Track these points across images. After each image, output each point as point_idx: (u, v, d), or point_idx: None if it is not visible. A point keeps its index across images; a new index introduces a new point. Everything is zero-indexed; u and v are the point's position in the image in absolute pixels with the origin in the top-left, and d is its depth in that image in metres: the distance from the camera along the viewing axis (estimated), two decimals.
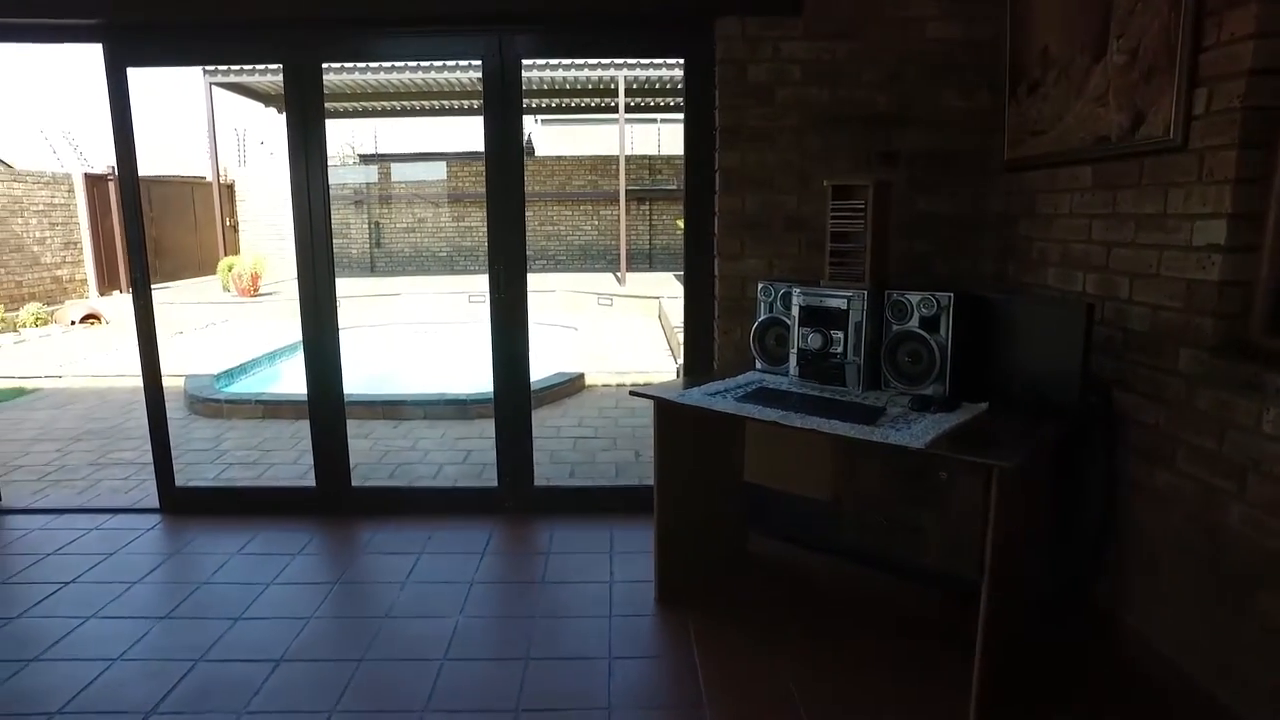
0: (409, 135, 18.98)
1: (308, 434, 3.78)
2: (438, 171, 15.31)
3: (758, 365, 2.97)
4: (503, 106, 3.48)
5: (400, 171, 15.37)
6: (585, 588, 3.03)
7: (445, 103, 14.61)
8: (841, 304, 2.63)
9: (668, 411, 2.73)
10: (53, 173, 12.06)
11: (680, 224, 11.48)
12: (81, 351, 8.65)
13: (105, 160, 12.97)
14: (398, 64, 11.94)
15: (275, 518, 3.74)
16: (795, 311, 2.73)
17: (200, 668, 2.55)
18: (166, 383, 3.79)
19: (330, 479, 3.78)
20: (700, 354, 3.58)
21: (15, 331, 9.68)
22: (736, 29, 3.22)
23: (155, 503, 3.89)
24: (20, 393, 6.91)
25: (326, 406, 3.74)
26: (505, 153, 3.52)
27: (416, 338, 9.87)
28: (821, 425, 2.26)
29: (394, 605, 2.93)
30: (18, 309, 10.43)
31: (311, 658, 2.59)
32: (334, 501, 3.79)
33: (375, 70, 12.01)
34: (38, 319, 10.28)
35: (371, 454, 4.90)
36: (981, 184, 3.30)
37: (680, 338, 7.22)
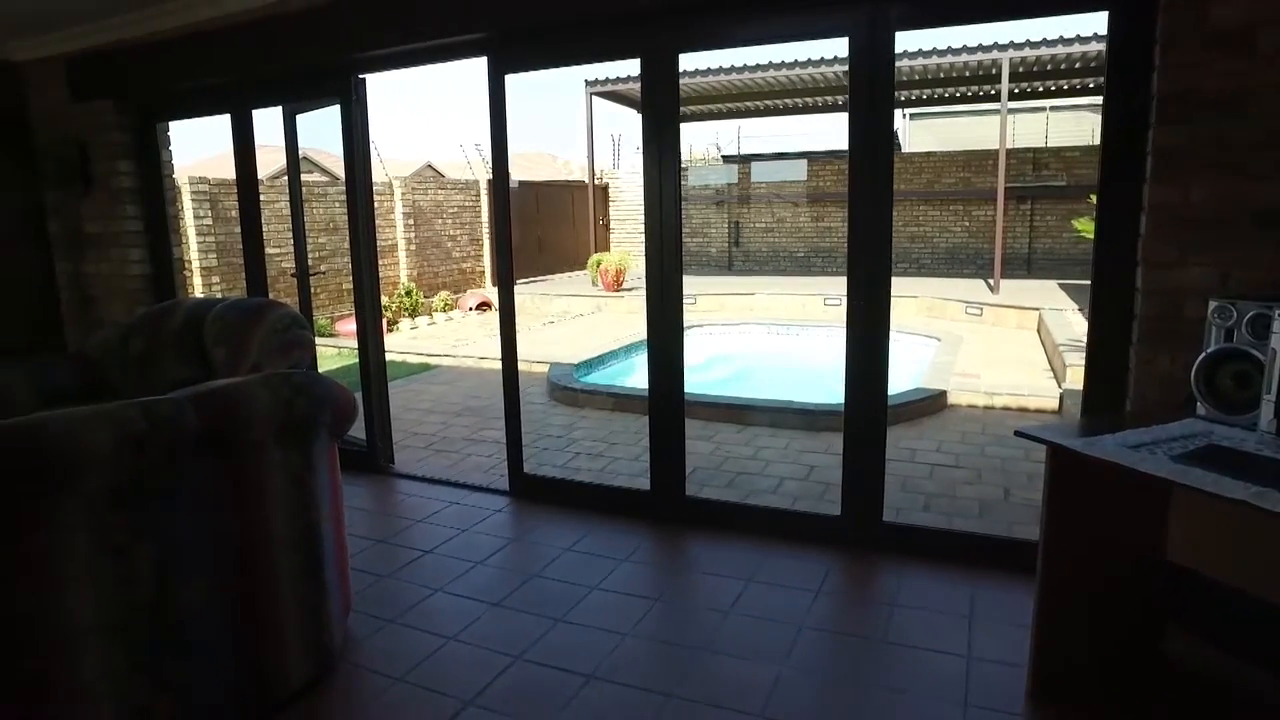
0: (770, 136, 19.11)
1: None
2: (798, 171, 15.12)
3: (1199, 410, 2.20)
4: (870, 91, 3.04)
5: (760, 171, 15.44)
6: (935, 660, 2.50)
7: (805, 100, 14.35)
8: None
9: (1067, 461, 2.11)
10: (466, 180, 14.03)
11: (1079, 225, 9.95)
12: (473, 335, 9.84)
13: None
14: (760, 63, 11.93)
15: (609, 517, 3.72)
16: (1276, 343, 1.94)
17: (518, 666, 2.52)
18: (534, 368, 3.98)
19: (664, 484, 3.67)
20: (1108, 387, 2.81)
21: (429, 315, 11.36)
22: None
23: (506, 485, 4.11)
24: (426, 368, 8.00)
25: (666, 409, 3.63)
26: (872, 146, 3.08)
27: (770, 339, 9.74)
28: None
29: (714, 636, 2.68)
30: (432, 296, 12.27)
31: (622, 681, 2.43)
32: (666, 508, 3.67)
33: (739, 70, 12.10)
34: (445, 304, 11.99)
35: (712, 458, 4.76)
36: None
37: (1065, 358, 6.15)
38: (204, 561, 2.03)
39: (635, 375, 7.66)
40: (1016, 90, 12.77)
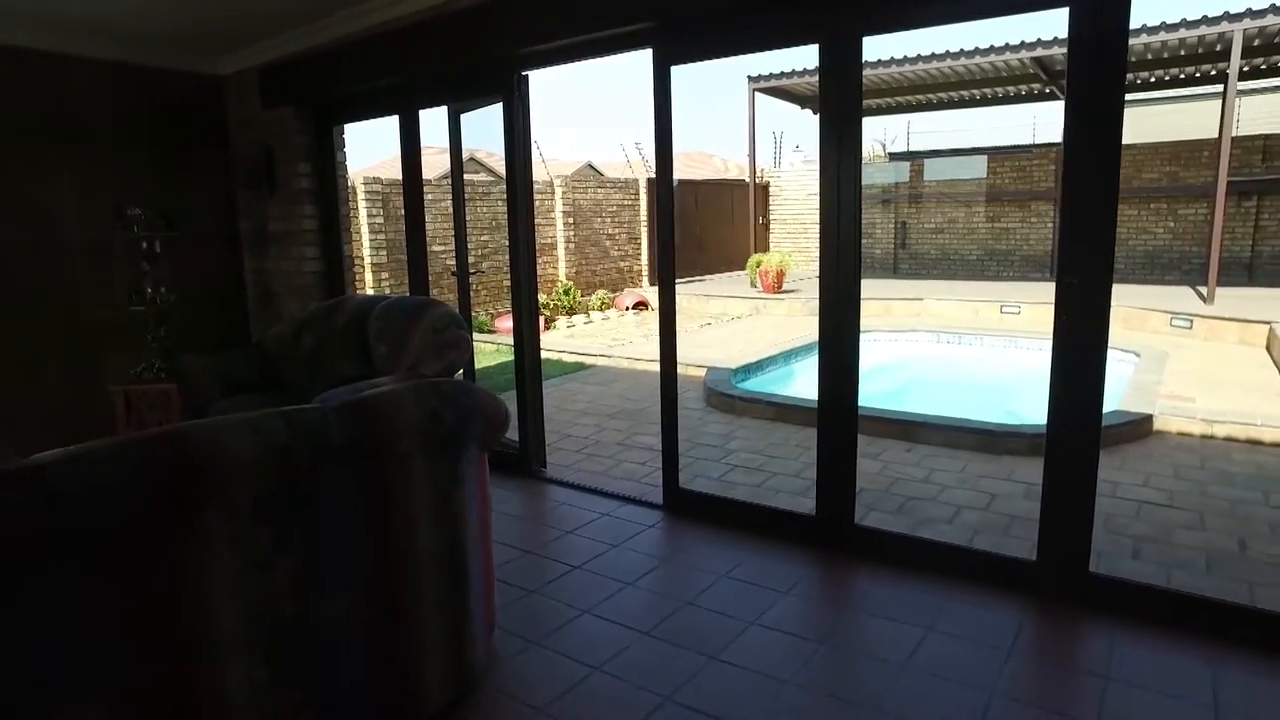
0: (941, 132, 17.98)
1: (814, 444, 3.40)
2: (974, 168, 14.09)
3: None
4: (1094, 70, 2.59)
5: (933, 169, 14.51)
6: None
7: (985, 91, 13.33)
8: None
9: None
10: (625, 179, 14.06)
11: None
12: (629, 334, 9.78)
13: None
14: (938, 51, 11.14)
15: (769, 540, 3.44)
16: None
17: (668, 709, 2.29)
18: (690, 371, 3.78)
19: (831, 509, 3.34)
20: None
21: (586, 314, 11.44)
22: None
23: (660, 498, 3.91)
24: (581, 367, 7.98)
25: (837, 427, 3.30)
26: (1097, 138, 2.62)
27: (939, 348, 9.07)
28: None
29: (888, 694, 2.35)
30: (590, 294, 12.35)
31: None
32: (833, 536, 3.34)
33: (913, 61, 11.37)
34: (602, 303, 12.04)
35: (880, 479, 4.37)
36: None
37: None
38: (345, 577, 1.94)
39: (796, 383, 7.30)
40: (1247, 68, 11.21)
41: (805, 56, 16.19)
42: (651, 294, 12.69)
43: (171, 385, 4.41)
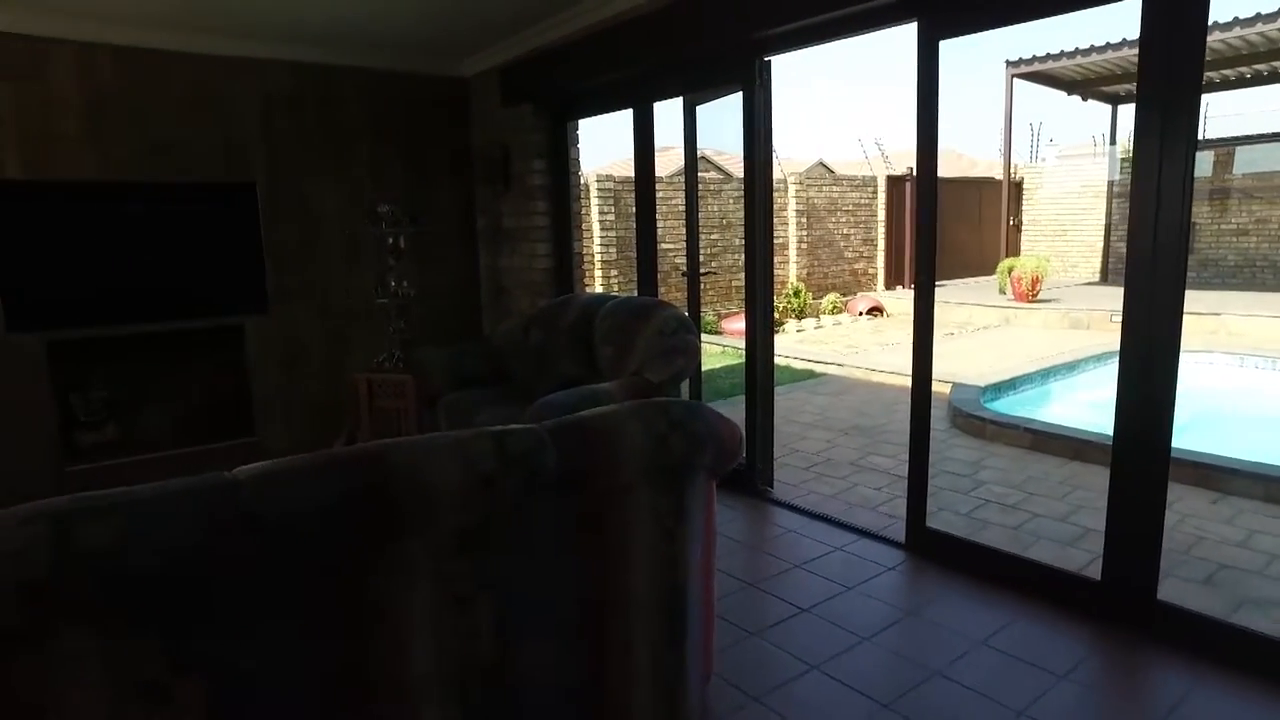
0: (1247, 115, 15.26)
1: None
2: None
3: None
4: None
5: (1245, 159, 12.29)
6: None
7: None
8: None
9: None
10: (862, 176, 13.27)
11: None
12: (863, 341, 9.15)
13: (905, 164, 13.70)
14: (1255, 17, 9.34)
15: (1038, 603, 2.86)
16: None
17: None
18: (934, 387, 3.25)
19: (1125, 575, 2.70)
20: None
21: (817, 318, 10.89)
22: None
23: (901, 534, 3.43)
24: (811, 375, 7.52)
25: (1140, 471, 2.64)
26: None
27: (1245, 374, 7.60)
28: None
29: None
30: (821, 297, 11.77)
31: None
32: (1126, 609, 2.70)
33: (1249, 23, 9.57)
34: (834, 307, 11.42)
35: (1177, 536, 3.57)
36: None
37: None
38: (549, 619, 1.71)
39: (1056, 407, 6.38)
40: None
41: (1075, 34, 14.47)
42: (887, 298, 11.87)
43: (408, 376, 4.55)
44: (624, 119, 4.62)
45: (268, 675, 1.38)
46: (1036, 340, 8.69)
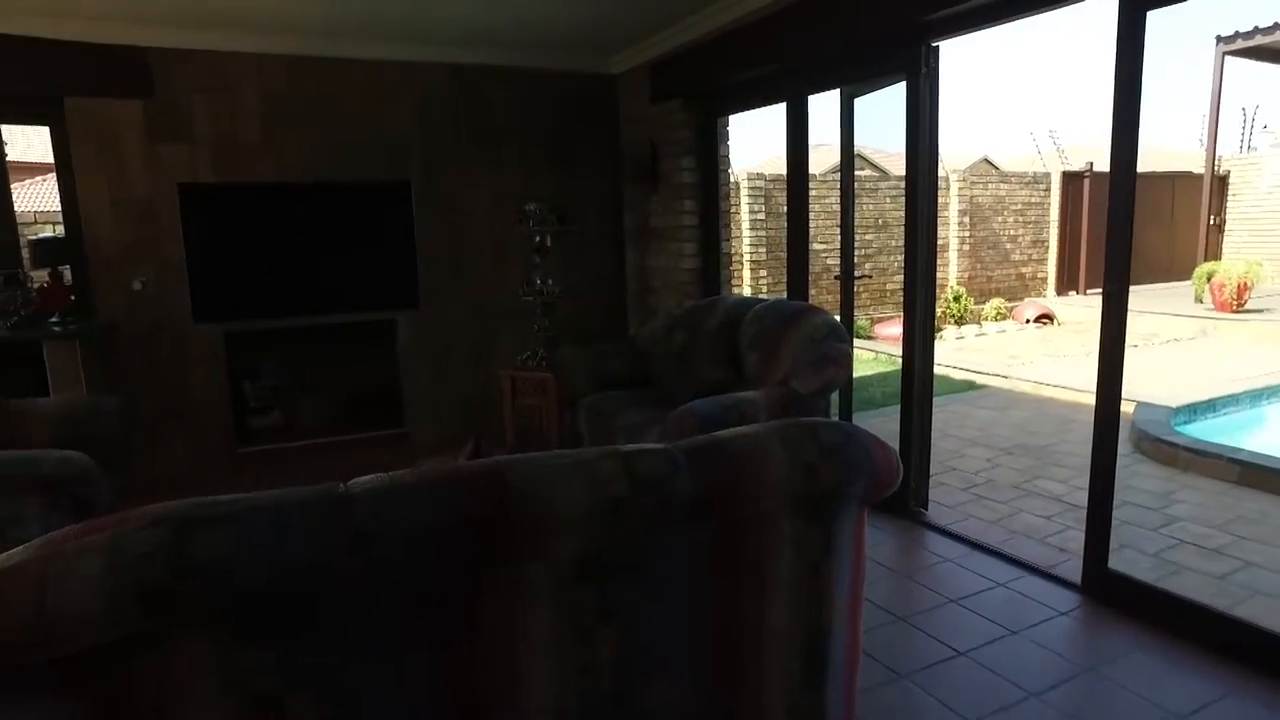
0: None
1: None
2: None
3: None
4: None
5: None
6: None
7: None
8: None
9: None
10: (1033, 173, 12.29)
11: None
12: (1030, 352, 8.45)
13: (1082, 159, 12.56)
14: None
15: (1255, 675, 2.43)
16: None
17: None
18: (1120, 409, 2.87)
19: None
20: None
21: (979, 324, 10.19)
22: None
23: (1076, 573, 3.04)
24: (970, 386, 7.01)
25: None
26: None
27: None
28: None
29: None
30: (984, 302, 11.01)
31: None
32: None
33: None
34: (997, 313, 10.65)
35: None
36: None
37: None
38: (676, 655, 1.57)
39: (1268, 434, 5.60)
40: None
41: None
42: (1058, 305, 10.94)
43: (549, 374, 4.55)
44: (775, 114, 4.43)
45: (377, 694, 1.32)
46: (1242, 356, 7.70)
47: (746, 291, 9.47)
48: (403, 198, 4.92)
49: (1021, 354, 8.30)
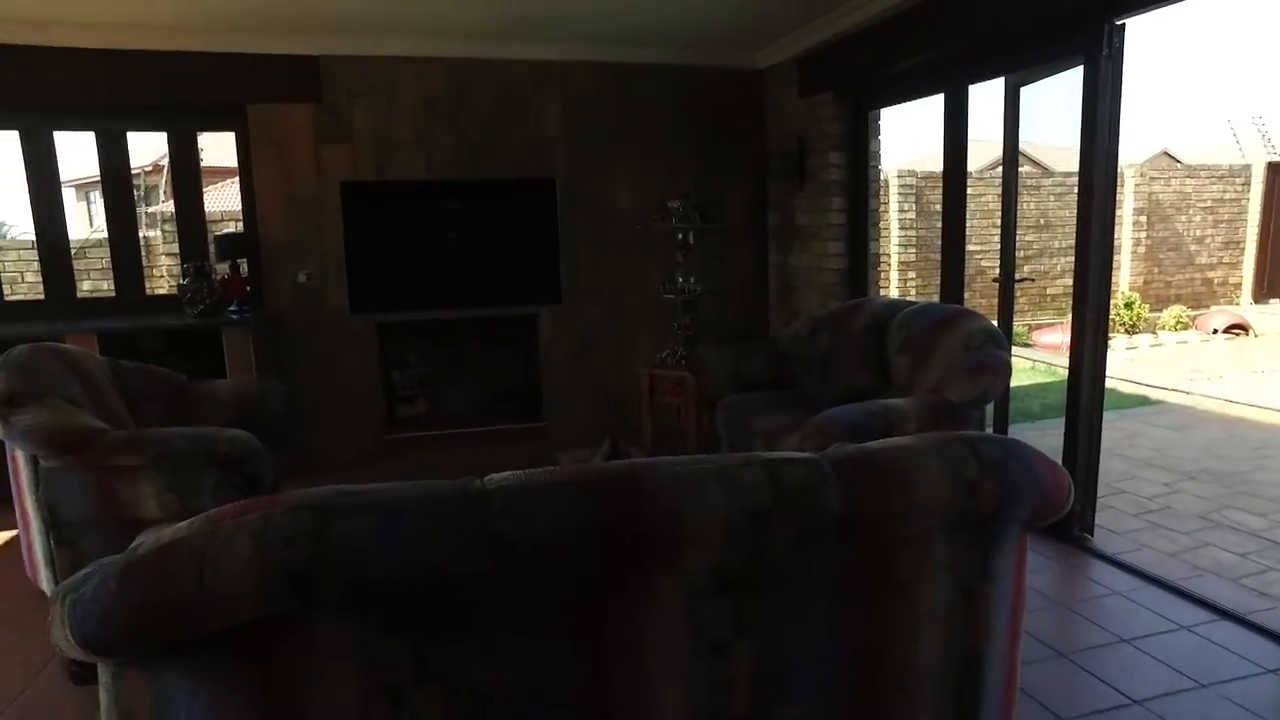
0: None
1: None
2: None
3: None
4: None
5: None
6: None
7: None
8: None
9: None
10: (1229, 165, 11.10)
11: None
12: (1217, 366, 7.63)
13: None
14: None
15: None
16: None
17: None
18: None
19: None
20: None
21: (1154, 334, 9.32)
22: None
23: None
24: (1144, 401, 6.41)
25: None
26: None
27: None
28: None
29: None
30: (1160, 310, 10.06)
31: None
32: None
33: None
34: (1178, 322, 9.70)
35: None
36: None
37: None
38: (814, 680, 1.47)
39: None
40: None
41: None
42: (1254, 314, 9.83)
43: (688, 373, 4.50)
44: (926, 108, 4.18)
45: (504, 696, 1.29)
46: None
47: (894, 294, 9.08)
48: (547, 194, 4.99)
49: (1207, 367, 7.51)
